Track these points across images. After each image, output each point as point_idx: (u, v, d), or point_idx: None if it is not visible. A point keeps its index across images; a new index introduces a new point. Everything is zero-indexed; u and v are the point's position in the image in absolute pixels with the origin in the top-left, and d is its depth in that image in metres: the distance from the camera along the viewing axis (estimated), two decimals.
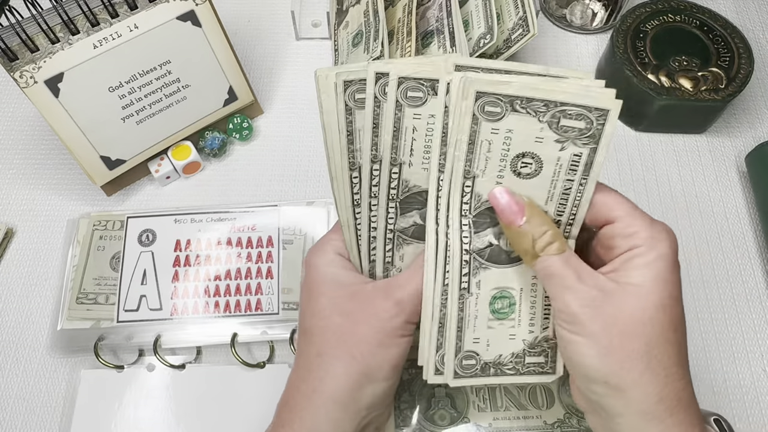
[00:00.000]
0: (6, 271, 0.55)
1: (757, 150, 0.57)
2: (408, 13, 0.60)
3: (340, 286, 0.36)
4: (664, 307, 0.31)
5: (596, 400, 0.32)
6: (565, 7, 0.69)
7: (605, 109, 0.30)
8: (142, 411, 0.48)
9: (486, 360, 0.37)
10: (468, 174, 0.33)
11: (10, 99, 0.64)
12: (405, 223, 0.36)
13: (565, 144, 0.31)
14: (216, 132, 0.59)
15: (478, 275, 0.35)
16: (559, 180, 0.33)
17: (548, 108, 0.31)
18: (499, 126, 0.31)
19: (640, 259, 0.31)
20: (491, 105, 0.31)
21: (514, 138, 0.32)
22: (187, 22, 0.53)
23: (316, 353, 0.35)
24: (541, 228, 0.32)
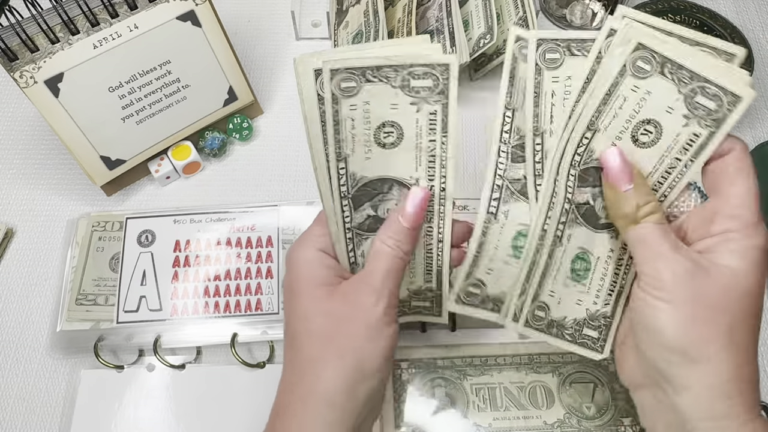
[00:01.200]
0: (6, 272, 0.55)
1: (757, 150, 0.57)
2: (408, 13, 0.60)
3: (319, 285, 0.36)
4: (752, 294, 0.31)
5: (665, 369, 0.32)
6: (565, 7, 0.69)
7: (739, 96, 0.30)
8: (142, 411, 0.48)
9: (553, 317, 0.38)
10: (591, 125, 0.33)
11: (10, 99, 0.64)
12: (359, 218, 0.37)
13: (690, 121, 0.31)
14: (216, 132, 0.59)
15: (572, 228, 0.36)
16: (669, 157, 0.33)
17: (692, 80, 0.31)
18: (641, 84, 0.31)
19: (738, 244, 0.32)
20: (644, 61, 0.31)
21: (649, 101, 0.32)
22: (187, 22, 0.53)
23: (305, 358, 0.35)
24: (646, 197, 0.33)
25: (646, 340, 0.33)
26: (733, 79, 0.30)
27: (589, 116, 0.33)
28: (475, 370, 0.48)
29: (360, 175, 0.35)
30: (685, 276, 0.31)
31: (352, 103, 0.32)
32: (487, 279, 0.38)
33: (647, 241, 0.33)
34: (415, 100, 0.33)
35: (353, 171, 0.35)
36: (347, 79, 0.32)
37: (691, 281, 0.31)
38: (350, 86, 0.32)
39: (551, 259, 0.36)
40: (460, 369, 0.48)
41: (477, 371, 0.48)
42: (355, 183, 0.35)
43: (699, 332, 0.31)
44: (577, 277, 0.37)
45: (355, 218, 0.37)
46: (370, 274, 0.36)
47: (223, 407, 0.48)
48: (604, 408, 0.46)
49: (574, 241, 0.36)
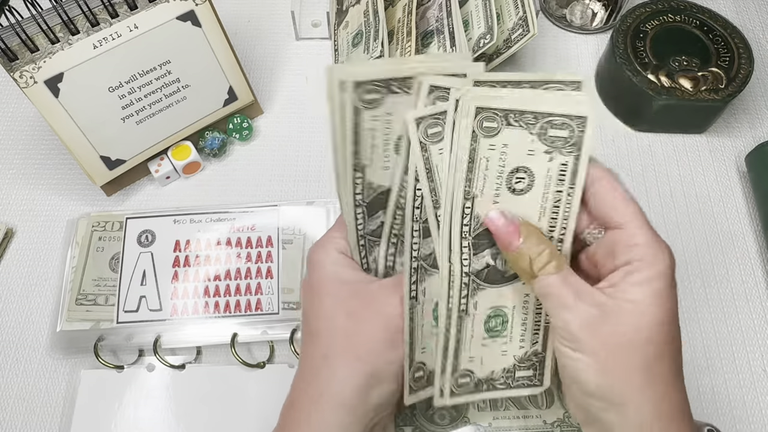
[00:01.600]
0: (6, 272, 0.55)
1: (757, 150, 0.57)
2: (408, 13, 0.60)
3: (343, 284, 0.36)
4: (662, 324, 0.31)
5: (595, 413, 0.32)
6: (565, 7, 0.69)
7: (583, 116, 0.31)
8: (142, 411, 0.48)
9: (480, 377, 0.37)
10: (468, 195, 0.33)
11: (10, 99, 0.64)
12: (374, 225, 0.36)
13: (552, 154, 0.32)
14: (216, 132, 0.59)
15: (476, 296, 0.35)
16: (550, 192, 0.33)
17: (537, 119, 0.32)
18: (495, 141, 0.32)
19: (639, 275, 0.31)
20: (489, 120, 0.32)
21: (509, 153, 0.32)
22: (187, 22, 0.53)
23: (321, 355, 0.35)
24: (538, 248, 0.33)
25: (571, 388, 0.33)
26: (570, 103, 0.31)
27: (462, 188, 0.33)
28: None
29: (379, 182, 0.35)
30: (591, 324, 0.31)
31: (376, 114, 0.32)
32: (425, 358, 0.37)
33: (549, 293, 0.32)
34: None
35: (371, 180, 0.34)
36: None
37: (599, 327, 0.31)
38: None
39: (461, 333, 0.36)
40: None
41: None
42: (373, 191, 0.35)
43: (616, 378, 0.31)
44: (495, 334, 0.36)
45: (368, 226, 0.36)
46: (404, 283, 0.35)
47: (223, 407, 0.48)
48: None
49: (482, 305, 0.36)
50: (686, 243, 0.56)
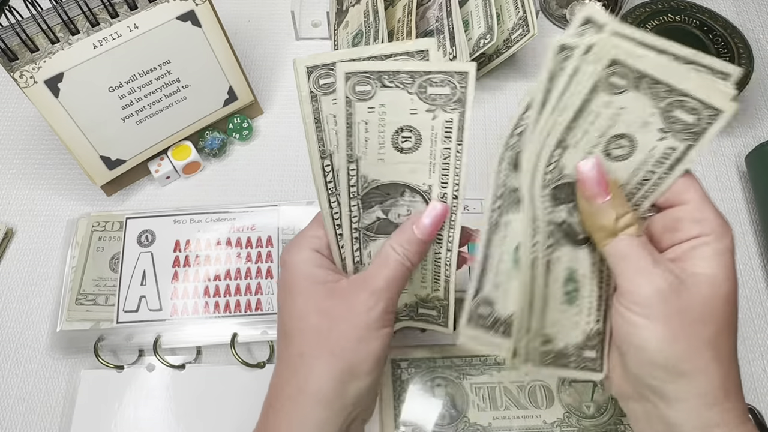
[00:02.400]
0: (6, 272, 0.55)
1: (757, 150, 0.57)
2: (408, 13, 0.60)
3: (316, 284, 0.36)
4: (730, 299, 0.31)
5: (655, 385, 0.32)
6: (565, 7, 0.69)
7: (719, 110, 0.30)
8: (142, 411, 0.48)
9: (559, 348, 0.36)
10: (561, 143, 0.31)
11: (10, 99, 0.64)
12: (368, 219, 0.36)
13: (666, 134, 0.31)
14: (216, 132, 0.59)
15: (558, 251, 0.34)
16: (643, 170, 0.32)
17: (670, 94, 0.30)
18: (614, 100, 0.30)
19: (708, 249, 0.31)
20: (619, 76, 0.30)
21: (623, 117, 0.31)
22: (187, 22, 0.53)
23: (297, 354, 0.35)
24: (623, 207, 0.32)
25: (631, 356, 0.33)
26: (713, 92, 0.29)
27: (559, 133, 0.31)
28: (474, 369, 0.48)
29: (372, 177, 0.35)
30: (666, 291, 0.31)
31: (369, 106, 0.32)
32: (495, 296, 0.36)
33: (627, 255, 0.32)
34: (432, 107, 0.32)
35: (365, 173, 0.35)
36: (363, 82, 0.31)
37: (673, 296, 0.31)
38: (365, 90, 0.32)
39: (548, 289, 0.34)
40: (459, 368, 0.48)
41: (476, 371, 0.48)
42: (366, 185, 0.35)
43: (684, 347, 0.31)
44: (570, 300, 0.35)
45: (363, 219, 0.36)
46: (373, 277, 0.36)
47: (223, 407, 0.48)
48: (604, 407, 0.46)
49: (561, 263, 0.35)
50: None
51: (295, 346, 0.35)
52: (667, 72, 0.29)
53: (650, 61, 0.29)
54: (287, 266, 0.37)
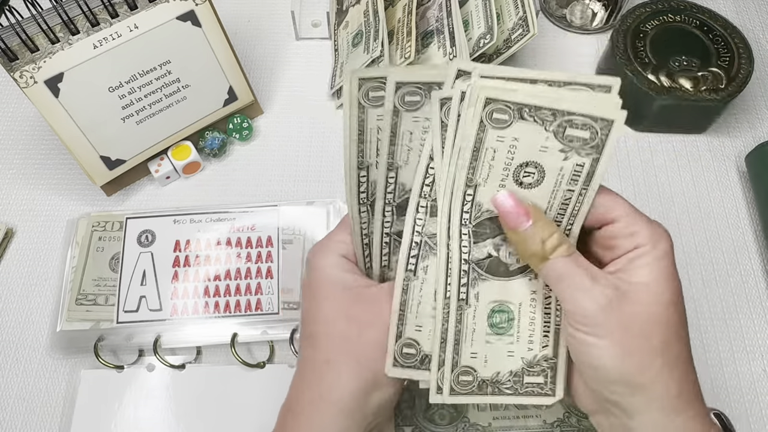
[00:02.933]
0: (6, 272, 0.55)
1: (757, 150, 0.57)
2: (408, 13, 0.60)
3: (344, 289, 0.35)
4: (675, 304, 0.31)
5: (615, 399, 0.32)
6: (565, 7, 0.69)
7: (610, 120, 0.30)
8: (142, 411, 0.48)
9: (483, 377, 0.36)
10: (470, 182, 0.32)
11: (10, 99, 0.64)
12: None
13: (568, 154, 0.31)
14: (216, 132, 0.59)
15: (477, 286, 0.35)
16: (560, 190, 0.32)
17: (555, 117, 0.30)
18: (505, 134, 0.31)
19: (645, 258, 0.31)
20: (500, 112, 0.30)
21: (520, 147, 0.31)
22: (187, 22, 0.53)
23: (323, 360, 0.35)
24: (548, 230, 0.32)
25: (588, 374, 0.33)
26: (598, 104, 0.30)
27: (464, 175, 0.32)
28: None
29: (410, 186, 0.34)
30: (608, 305, 0.31)
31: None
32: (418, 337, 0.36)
33: (562, 275, 0.32)
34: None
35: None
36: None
37: (615, 310, 0.31)
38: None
39: (461, 324, 0.35)
40: None
41: None
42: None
43: (638, 360, 0.31)
44: (500, 331, 0.35)
45: (396, 225, 0.35)
46: None
47: (223, 407, 0.48)
48: None
49: (484, 297, 0.35)
50: (686, 243, 0.56)
51: (320, 351, 0.35)
52: (543, 98, 0.30)
53: (523, 93, 0.30)
54: (315, 270, 0.36)
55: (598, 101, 0.30)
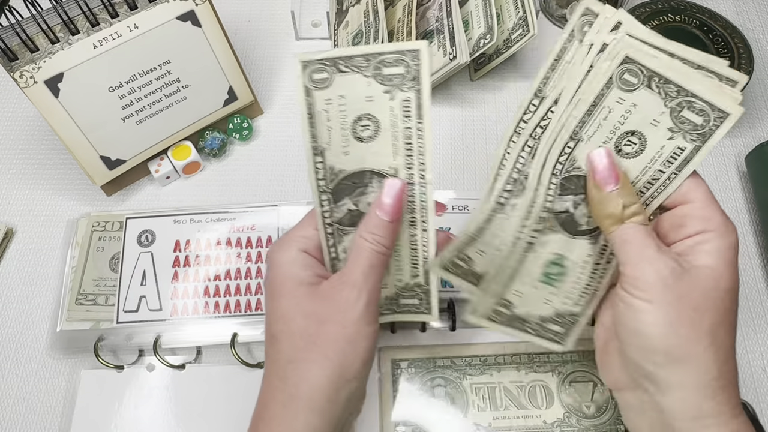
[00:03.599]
0: (6, 271, 0.55)
1: (757, 150, 0.57)
2: (408, 13, 0.60)
3: (299, 285, 0.35)
4: (730, 292, 0.32)
5: (651, 371, 0.33)
6: (565, 7, 0.69)
7: (726, 113, 0.31)
8: (142, 411, 0.48)
9: (516, 314, 0.39)
10: (575, 136, 0.33)
11: (10, 99, 0.64)
12: (339, 212, 0.36)
13: (675, 134, 0.32)
14: (216, 132, 0.59)
15: (547, 236, 0.36)
16: (653, 168, 0.33)
17: (679, 94, 0.31)
18: (627, 97, 0.32)
19: (713, 244, 0.32)
20: (631, 74, 0.31)
21: (634, 113, 0.32)
22: (187, 22, 0.53)
23: (286, 360, 0.35)
24: (631, 198, 0.33)
25: (630, 342, 0.34)
26: (721, 95, 0.31)
27: (573, 126, 0.33)
28: (474, 369, 0.48)
29: (338, 168, 0.35)
30: (669, 277, 0.32)
31: (326, 97, 0.33)
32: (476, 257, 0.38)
33: (632, 241, 0.33)
34: (388, 87, 0.33)
35: (331, 164, 0.35)
36: (319, 70, 0.32)
37: (675, 283, 0.32)
38: (323, 77, 0.32)
39: (522, 265, 0.37)
40: (459, 369, 0.48)
41: (477, 371, 0.48)
42: (334, 176, 0.35)
43: (683, 333, 0.31)
44: (549, 281, 0.38)
45: (335, 213, 0.36)
46: (350, 271, 0.35)
47: (223, 407, 0.48)
48: (604, 407, 0.46)
49: (550, 247, 0.37)
50: None
51: (283, 352, 0.35)
52: (677, 73, 0.31)
53: (662, 62, 0.31)
54: (272, 266, 0.37)
55: (723, 91, 0.31)
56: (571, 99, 0.33)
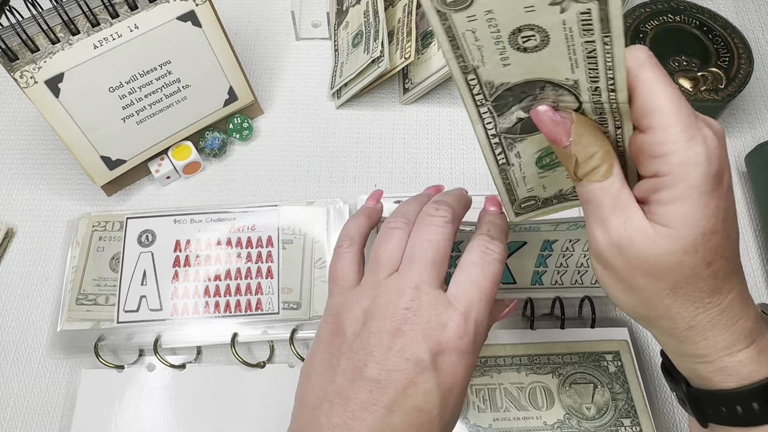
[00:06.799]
0: (6, 271, 0.55)
1: (757, 150, 0.57)
2: (408, 14, 0.60)
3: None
4: (695, 247, 0.28)
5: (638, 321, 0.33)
6: None
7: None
8: (142, 411, 0.48)
9: (545, 197, 0.37)
10: (466, 69, 0.30)
11: (10, 99, 0.64)
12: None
13: (563, 5, 0.27)
14: (216, 132, 0.59)
15: (515, 148, 0.34)
16: (576, 44, 0.28)
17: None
18: (473, 11, 0.28)
19: (668, 193, 0.27)
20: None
21: (499, 17, 0.28)
22: (187, 22, 0.53)
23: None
24: (587, 150, 0.30)
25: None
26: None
27: (456, 64, 0.30)
28: (474, 370, 0.48)
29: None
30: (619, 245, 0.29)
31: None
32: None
33: (588, 201, 0.30)
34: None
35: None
36: None
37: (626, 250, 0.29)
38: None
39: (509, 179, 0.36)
40: None
41: (477, 372, 0.48)
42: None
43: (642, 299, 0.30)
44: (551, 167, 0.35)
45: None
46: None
47: (223, 407, 0.48)
48: (604, 409, 0.46)
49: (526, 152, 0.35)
50: None
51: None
52: None
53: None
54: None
55: None
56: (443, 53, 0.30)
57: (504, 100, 0.32)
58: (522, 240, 0.45)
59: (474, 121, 0.34)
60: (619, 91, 0.29)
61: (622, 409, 0.46)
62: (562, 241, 0.45)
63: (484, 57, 0.30)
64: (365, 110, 0.64)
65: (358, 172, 0.60)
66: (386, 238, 0.35)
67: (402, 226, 0.35)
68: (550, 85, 0.31)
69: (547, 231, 0.44)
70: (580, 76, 0.29)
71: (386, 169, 0.60)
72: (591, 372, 0.48)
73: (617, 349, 0.49)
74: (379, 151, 0.62)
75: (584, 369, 0.48)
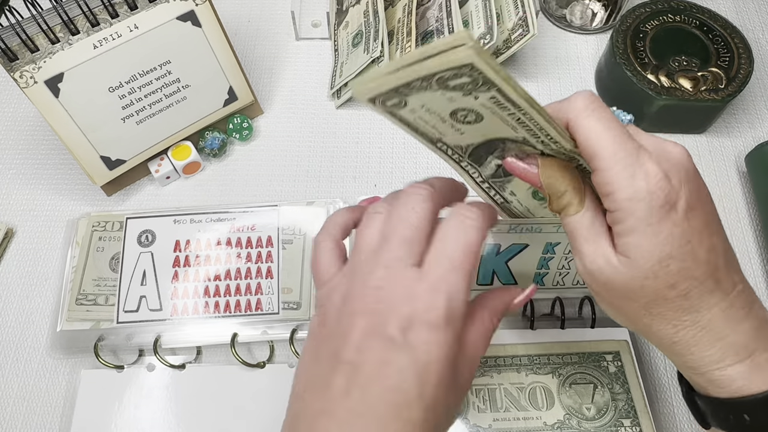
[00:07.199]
0: (6, 272, 0.55)
1: (757, 150, 0.57)
2: (408, 13, 0.60)
3: None
4: (654, 273, 0.30)
5: None
6: (565, 7, 0.69)
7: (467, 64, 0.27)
8: (142, 411, 0.48)
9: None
10: (432, 141, 0.35)
11: (10, 99, 0.64)
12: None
13: (474, 93, 0.29)
14: (216, 132, 0.59)
15: (507, 188, 0.38)
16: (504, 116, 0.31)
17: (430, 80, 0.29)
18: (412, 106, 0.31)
19: (621, 227, 0.30)
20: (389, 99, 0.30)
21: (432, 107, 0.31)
22: (187, 22, 0.53)
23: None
24: (557, 189, 0.33)
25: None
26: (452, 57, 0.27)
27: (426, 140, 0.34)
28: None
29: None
30: (595, 272, 0.32)
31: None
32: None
33: (568, 233, 0.33)
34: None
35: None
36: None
37: (598, 276, 0.32)
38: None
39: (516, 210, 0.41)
40: None
41: (477, 372, 0.48)
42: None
43: (623, 316, 0.34)
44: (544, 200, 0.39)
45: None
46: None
47: (223, 407, 0.48)
48: (604, 409, 0.46)
49: (519, 188, 0.39)
50: None
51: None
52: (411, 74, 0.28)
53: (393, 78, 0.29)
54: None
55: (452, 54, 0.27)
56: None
57: (477, 155, 0.36)
58: (524, 243, 0.45)
59: (460, 174, 0.38)
60: (561, 142, 0.32)
61: (622, 409, 0.46)
62: (565, 243, 0.45)
63: (440, 131, 0.33)
64: (365, 110, 0.64)
65: (358, 172, 0.60)
66: (367, 223, 0.34)
67: (383, 211, 0.34)
68: (509, 140, 0.34)
69: (549, 233, 0.44)
70: (524, 134, 0.32)
71: (386, 169, 0.60)
72: (591, 372, 0.48)
73: (617, 349, 0.49)
74: (379, 151, 0.62)
75: (584, 369, 0.48)
